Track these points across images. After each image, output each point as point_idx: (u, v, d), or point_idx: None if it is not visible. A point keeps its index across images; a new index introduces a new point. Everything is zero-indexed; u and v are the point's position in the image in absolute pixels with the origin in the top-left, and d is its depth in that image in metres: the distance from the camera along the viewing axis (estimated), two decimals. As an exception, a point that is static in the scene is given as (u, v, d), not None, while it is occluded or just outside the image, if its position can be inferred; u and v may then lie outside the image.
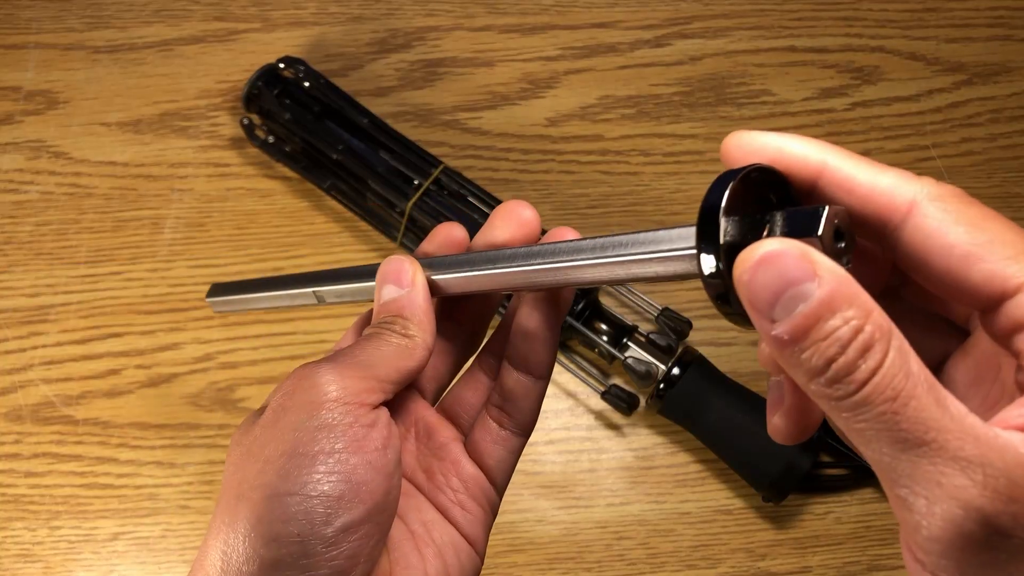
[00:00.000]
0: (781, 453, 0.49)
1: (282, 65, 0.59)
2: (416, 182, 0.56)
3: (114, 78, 0.64)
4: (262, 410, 0.28)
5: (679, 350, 0.52)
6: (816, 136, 0.64)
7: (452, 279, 0.29)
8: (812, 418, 0.23)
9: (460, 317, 0.32)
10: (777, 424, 0.24)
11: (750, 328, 0.21)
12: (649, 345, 0.52)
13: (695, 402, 0.51)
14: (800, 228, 0.20)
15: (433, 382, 0.32)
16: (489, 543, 0.52)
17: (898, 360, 0.18)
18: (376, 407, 0.26)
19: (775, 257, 0.19)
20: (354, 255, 0.59)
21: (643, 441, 0.55)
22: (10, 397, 0.55)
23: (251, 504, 0.25)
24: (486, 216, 0.55)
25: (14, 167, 0.61)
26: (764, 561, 0.52)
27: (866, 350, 0.18)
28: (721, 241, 0.21)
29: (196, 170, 0.61)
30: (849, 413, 0.18)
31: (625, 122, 0.63)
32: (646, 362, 0.52)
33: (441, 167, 0.56)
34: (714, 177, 0.21)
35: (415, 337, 0.28)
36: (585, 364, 0.55)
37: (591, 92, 0.64)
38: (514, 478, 0.53)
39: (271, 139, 0.59)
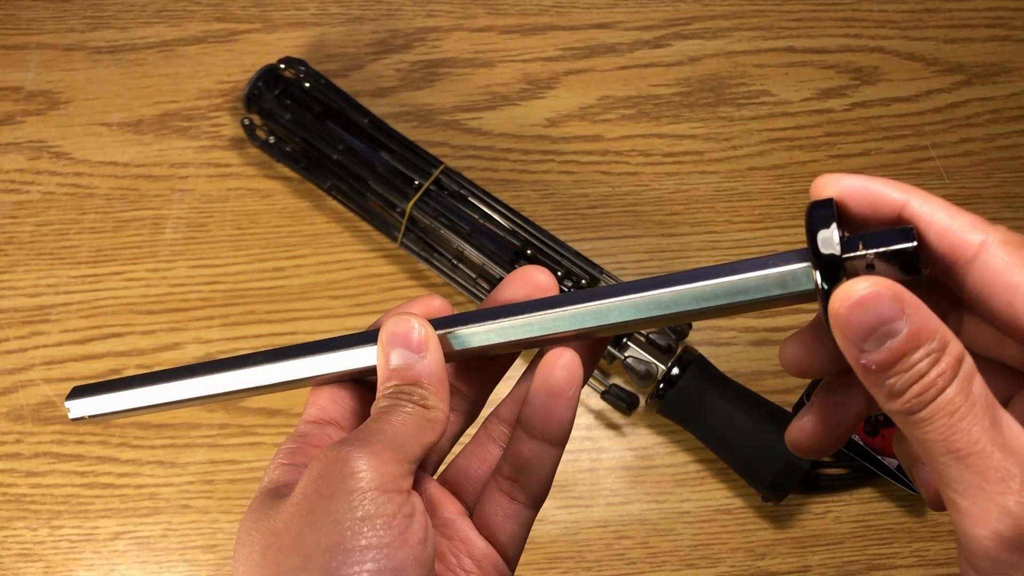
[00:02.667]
0: (780, 453, 0.49)
1: (283, 66, 0.60)
2: (416, 182, 0.56)
3: (115, 78, 0.64)
4: (275, 491, 0.26)
5: (679, 350, 0.52)
6: (816, 136, 0.65)
7: (482, 333, 0.27)
8: (839, 432, 0.27)
9: (463, 387, 0.31)
10: (799, 436, 0.27)
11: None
12: (649, 345, 0.53)
13: (694, 402, 0.51)
14: (894, 240, 0.23)
15: (434, 455, 0.30)
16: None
17: (962, 383, 0.21)
18: (411, 492, 0.25)
19: (872, 298, 0.22)
20: (354, 255, 0.59)
21: (643, 441, 0.55)
22: (11, 397, 0.55)
23: None
24: (486, 216, 0.55)
25: (15, 167, 0.61)
26: (764, 560, 0.52)
27: (939, 376, 0.21)
28: (840, 254, 0.23)
29: (197, 170, 0.61)
30: (916, 427, 0.22)
31: (625, 122, 0.63)
32: (646, 362, 0.52)
33: (441, 167, 0.56)
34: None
35: (436, 409, 0.26)
36: (585, 364, 0.55)
37: (591, 92, 0.64)
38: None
39: (272, 139, 0.59)
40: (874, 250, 0.23)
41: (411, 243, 0.56)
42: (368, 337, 0.28)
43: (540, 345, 0.28)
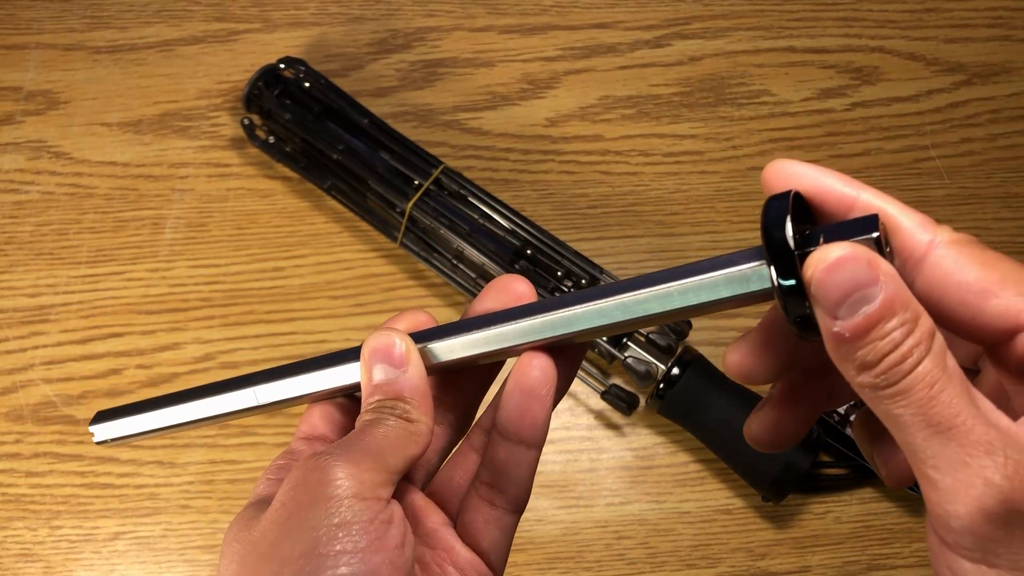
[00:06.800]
0: (780, 453, 0.49)
1: (282, 65, 0.60)
2: (416, 182, 0.56)
3: (115, 78, 0.64)
4: (260, 503, 0.26)
5: (679, 350, 0.52)
6: (816, 136, 0.65)
7: (460, 345, 0.28)
8: (797, 427, 0.28)
9: (450, 399, 0.31)
10: (758, 430, 0.28)
11: (814, 339, 0.23)
12: (649, 345, 0.53)
13: (695, 402, 0.51)
14: (856, 231, 0.22)
15: (422, 468, 0.31)
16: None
17: (938, 356, 0.21)
18: (390, 501, 0.25)
19: (847, 261, 0.21)
20: (354, 255, 0.59)
21: (643, 441, 0.55)
22: (11, 397, 0.55)
23: None
24: (486, 216, 0.55)
25: (15, 167, 0.61)
26: (764, 561, 0.52)
27: (914, 347, 0.21)
28: (793, 249, 0.22)
29: (197, 170, 0.61)
30: (890, 401, 0.21)
31: (625, 122, 0.63)
32: (646, 362, 0.52)
33: (441, 167, 0.56)
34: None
35: (419, 422, 0.27)
36: (585, 364, 0.55)
37: (591, 92, 0.64)
38: (514, 478, 0.53)
39: (271, 139, 0.59)
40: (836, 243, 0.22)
41: (411, 243, 0.56)
42: (355, 354, 0.29)
43: (518, 354, 0.28)
